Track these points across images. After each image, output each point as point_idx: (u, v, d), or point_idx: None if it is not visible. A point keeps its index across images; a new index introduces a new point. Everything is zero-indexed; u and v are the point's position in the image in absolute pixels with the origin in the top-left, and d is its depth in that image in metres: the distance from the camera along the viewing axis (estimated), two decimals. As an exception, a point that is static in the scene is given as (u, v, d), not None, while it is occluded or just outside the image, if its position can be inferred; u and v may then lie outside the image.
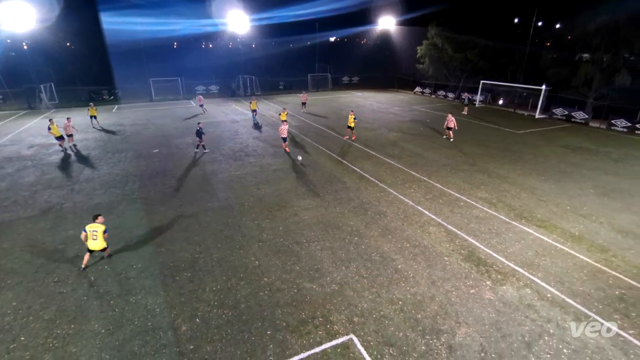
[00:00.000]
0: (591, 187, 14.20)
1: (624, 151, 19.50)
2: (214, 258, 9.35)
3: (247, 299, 7.83)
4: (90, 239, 8.58)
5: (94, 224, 8.65)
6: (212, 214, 11.84)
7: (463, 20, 36.49)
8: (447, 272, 8.80)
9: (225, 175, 15.38)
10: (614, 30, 25.07)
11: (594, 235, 10.53)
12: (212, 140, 20.74)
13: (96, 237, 8.57)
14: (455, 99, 38.31)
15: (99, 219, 8.76)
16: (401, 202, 12.75)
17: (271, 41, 58.54)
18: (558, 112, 28.56)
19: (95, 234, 8.54)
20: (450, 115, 20.83)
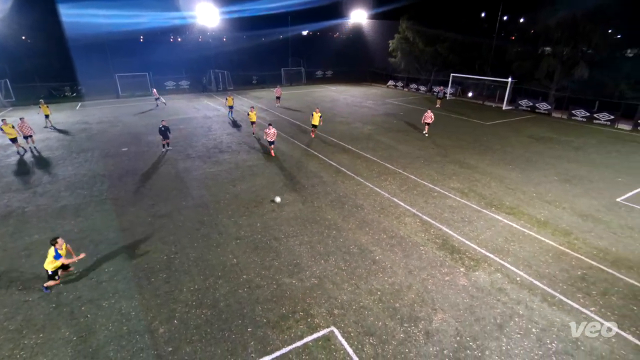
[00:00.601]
0: (554, 175, 14.96)
1: (583, 140, 20.65)
2: (191, 257, 9.16)
3: (226, 297, 7.74)
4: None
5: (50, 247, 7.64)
6: (186, 212, 11.56)
7: (433, 14, 37.20)
8: (423, 261, 9.04)
9: (199, 172, 15.04)
10: (573, 25, 26.37)
11: (558, 220, 11.13)
12: (184, 137, 20.19)
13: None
14: (427, 92, 39.14)
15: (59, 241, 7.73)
16: (377, 194, 12.95)
17: (242, 35, 57.33)
18: (523, 103, 29.81)
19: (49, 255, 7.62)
20: (429, 111, 20.88)
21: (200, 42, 55.79)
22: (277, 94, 30.66)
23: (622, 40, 27.44)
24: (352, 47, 54.22)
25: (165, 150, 17.62)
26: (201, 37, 58.10)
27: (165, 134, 17.36)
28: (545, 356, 6.33)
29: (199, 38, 58.66)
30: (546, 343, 6.60)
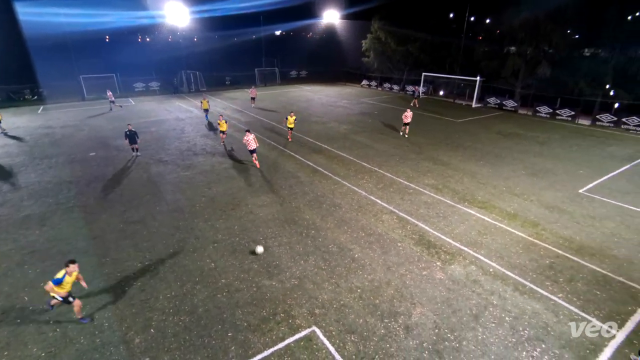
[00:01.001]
0: (522, 169, 15.63)
1: (547, 135, 21.69)
2: (166, 264, 8.91)
3: (205, 303, 7.58)
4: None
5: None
6: (161, 217, 11.23)
7: (403, 15, 37.92)
8: (401, 257, 9.21)
9: (173, 176, 14.64)
10: (535, 26, 27.62)
11: (527, 212, 11.64)
12: (155, 140, 19.60)
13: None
14: (400, 91, 39.87)
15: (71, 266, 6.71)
16: (355, 193, 13.07)
17: (214, 35, 56.20)
18: (491, 101, 30.96)
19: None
20: (409, 111, 20.66)
21: (170, 42, 54.33)
22: (252, 94, 30.27)
23: (580, 40, 28.99)
24: (325, 47, 54.42)
25: (135, 155, 16.92)
26: (171, 37, 56.57)
27: (132, 139, 16.58)
28: (519, 343, 6.61)
29: (168, 38, 57.08)
30: (519, 330, 6.89)
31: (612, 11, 24.32)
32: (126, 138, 16.52)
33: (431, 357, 6.29)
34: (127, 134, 16.47)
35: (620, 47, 24.85)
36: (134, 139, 16.64)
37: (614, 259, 9.15)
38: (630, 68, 24.13)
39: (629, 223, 10.98)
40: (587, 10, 25.49)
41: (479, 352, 6.41)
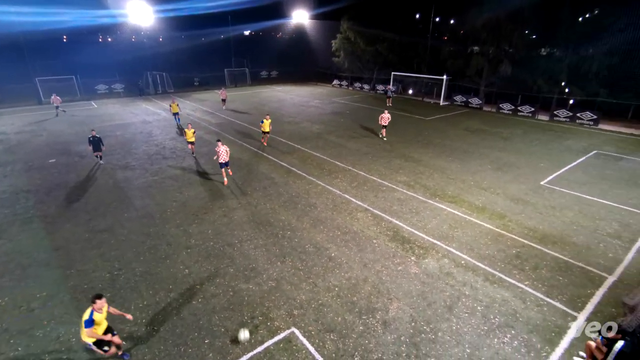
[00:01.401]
0: (488, 164, 16.30)
1: (510, 130, 22.74)
2: (137, 273, 8.58)
3: (179, 311, 7.36)
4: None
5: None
6: (130, 225, 10.80)
7: (371, 15, 38.51)
8: (376, 254, 9.36)
9: (142, 181, 14.12)
10: (496, 26, 28.88)
11: (494, 205, 12.15)
12: (121, 144, 18.82)
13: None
14: (370, 91, 40.47)
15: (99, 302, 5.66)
16: (329, 192, 13.13)
17: (180, 34, 54.58)
18: (458, 99, 32.07)
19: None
20: (386, 112, 19.92)
21: (134, 42, 52.24)
22: (222, 96, 29.45)
23: (537, 41, 30.58)
24: (295, 47, 54.30)
25: (99, 163, 15.94)
26: (134, 37, 54.42)
27: (97, 145, 15.56)
28: (490, 330, 6.89)
29: (132, 38, 54.86)
30: (490, 318, 7.19)
31: (565, 13, 25.83)
32: (90, 144, 15.51)
33: (409, 350, 6.44)
34: (90, 140, 15.46)
35: (573, 46, 26.45)
36: (99, 146, 15.66)
37: (573, 246, 9.74)
38: (582, 66, 25.72)
39: (585, 212, 11.72)
40: (543, 12, 26.93)
41: (453, 342, 6.62)
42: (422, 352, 6.40)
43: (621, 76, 24.54)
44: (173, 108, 23.06)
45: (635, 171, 15.48)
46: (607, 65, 24.79)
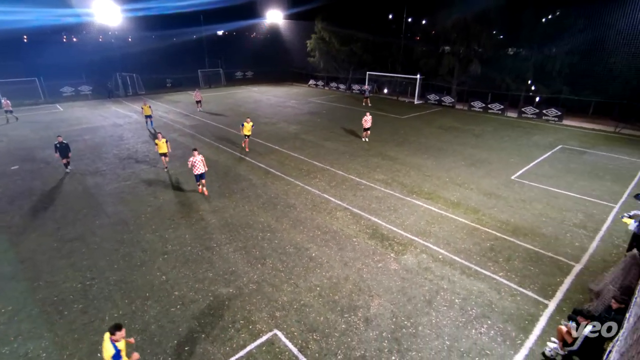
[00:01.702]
0: (462, 160, 16.78)
1: (481, 127, 23.52)
2: (111, 281, 8.26)
3: (157, 319, 7.16)
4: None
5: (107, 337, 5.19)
6: (102, 232, 10.39)
7: (345, 15, 38.80)
8: (356, 252, 9.44)
9: (113, 186, 13.62)
10: (465, 27, 29.80)
11: (468, 200, 12.52)
12: (90, 149, 18.08)
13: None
14: (346, 90, 40.77)
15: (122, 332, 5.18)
16: (308, 192, 13.13)
17: (151, 35, 53.03)
18: (431, 97, 32.85)
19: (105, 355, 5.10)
20: (368, 115, 19.52)
21: (101, 42, 50.35)
22: (197, 98, 28.65)
23: (504, 41, 31.81)
24: (270, 47, 53.95)
25: (67, 170, 15.03)
26: (102, 37, 52.42)
27: (64, 152, 14.63)
28: (468, 322, 7.10)
29: (99, 38, 52.80)
30: (467, 310, 7.41)
31: (528, 14, 26.97)
32: (56, 151, 14.55)
33: (390, 346, 6.54)
34: (57, 147, 14.49)
35: (537, 46, 27.66)
36: (66, 152, 14.72)
37: (543, 237, 10.19)
38: (547, 65, 26.95)
39: (553, 204, 12.29)
40: (507, 13, 28.01)
41: (433, 335, 6.78)
42: (404, 346, 6.52)
43: (581, 74, 25.92)
44: (145, 110, 22.05)
45: (597, 164, 16.38)
46: (569, 63, 26.12)
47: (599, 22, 23.90)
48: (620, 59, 24.07)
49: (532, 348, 6.51)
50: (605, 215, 11.51)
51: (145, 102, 23.40)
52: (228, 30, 60.83)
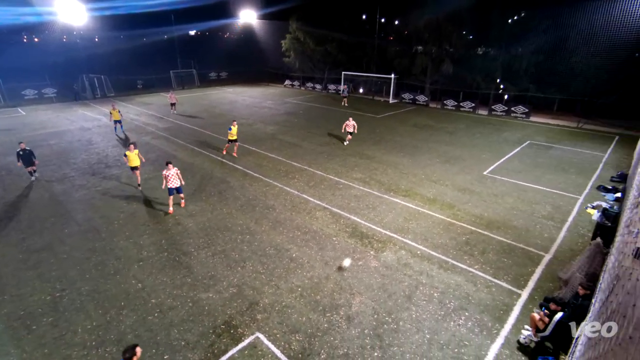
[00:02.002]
0: (436, 157, 17.20)
1: (454, 125, 24.19)
2: (83, 292, 7.92)
3: (134, 328, 6.92)
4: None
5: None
6: (71, 241, 9.94)
7: (319, 15, 38.90)
8: (337, 251, 9.49)
9: (83, 193, 13.06)
10: (437, 27, 30.56)
11: (443, 196, 12.85)
12: (57, 154, 17.26)
13: None
14: (323, 90, 40.89)
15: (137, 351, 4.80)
16: (287, 193, 13.08)
17: (119, 34, 51.15)
18: (406, 96, 33.48)
19: None
20: (351, 119, 19.12)
21: (66, 42, 48.06)
22: (172, 100, 27.62)
23: (474, 41, 32.87)
24: (245, 48, 53.29)
25: (34, 178, 14.12)
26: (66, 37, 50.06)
27: (28, 160, 13.62)
28: (446, 315, 7.29)
29: (63, 38, 50.39)
30: (446, 303, 7.60)
31: (495, 15, 28.01)
32: (19, 160, 13.50)
33: (373, 342, 6.61)
34: (19, 155, 13.46)
35: (505, 46, 28.76)
36: (30, 160, 13.71)
37: (514, 229, 10.60)
38: (514, 64, 28.07)
39: (523, 197, 12.81)
40: (477, 14, 28.97)
41: (414, 329, 6.91)
42: (386, 342, 6.61)
43: (546, 73, 27.19)
44: (114, 115, 20.60)
45: (562, 158, 17.20)
46: (535, 63, 27.31)
47: (561, 23, 25.14)
48: (581, 58, 25.41)
49: (508, 337, 6.76)
50: (571, 206, 12.11)
51: (114, 105, 22.02)
52: (200, 30, 59.50)
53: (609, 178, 14.53)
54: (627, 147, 18.84)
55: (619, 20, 22.30)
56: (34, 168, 14.09)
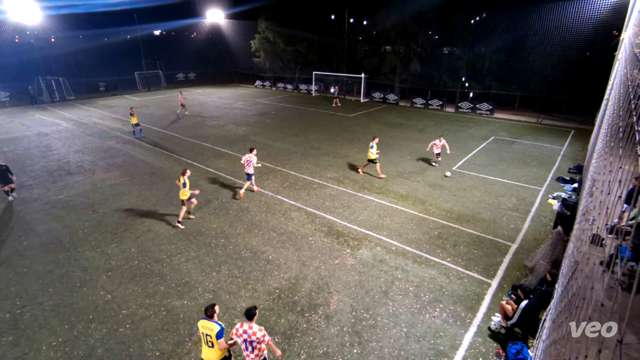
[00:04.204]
0: (407, 154, 17.60)
1: (424, 123, 24.85)
2: (47, 307, 7.48)
3: (105, 341, 6.62)
4: (203, 344, 5.26)
5: (205, 321, 5.20)
6: (31, 254, 9.36)
7: (288, 15, 38.76)
8: (313, 251, 9.50)
9: (43, 202, 12.32)
10: (404, 27, 31.27)
11: (415, 192, 13.18)
12: (12, 162, 16.16)
13: (212, 343, 5.15)
14: (294, 90, 40.76)
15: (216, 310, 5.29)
16: (261, 194, 12.94)
17: (77, 34, 48.61)
18: (376, 95, 34.01)
19: (210, 339, 5.14)
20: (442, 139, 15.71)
21: (18, 43, 45.09)
22: (181, 101, 26.90)
23: (440, 40, 33.91)
24: (213, 48, 52.17)
25: (11, 198, 12.42)
26: (18, 37, 46.99)
27: (4, 177, 12.15)
28: (422, 307, 7.48)
29: (14, 38, 47.25)
30: (421, 297, 7.80)
31: (459, 16, 29.04)
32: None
33: (352, 339, 6.68)
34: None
35: (469, 45, 29.88)
36: (7, 177, 12.21)
37: (483, 222, 11.04)
38: (478, 63, 29.24)
39: (490, 190, 13.37)
40: (441, 15, 29.92)
41: (391, 324, 7.05)
42: (364, 338, 6.69)
43: (508, 71, 28.51)
44: (133, 119, 19.86)
45: (525, 152, 18.10)
46: (496, 61, 28.56)
47: (519, 23, 26.44)
48: (538, 57, 26.87)
49: (480, 325, 7.03)
50: (533, 198, 12.77)
51: (132, 108, 20.48)
52: (166, 29, 57.62)
53: (567, 169, 15.45)
54: (582, 140, 20.10)
55: (571, 22, 23.73)
56: (12, 186, 12.46)
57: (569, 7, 23.63)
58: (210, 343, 5.12)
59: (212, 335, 5.07)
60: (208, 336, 5.11)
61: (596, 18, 22.37)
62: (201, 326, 5.17)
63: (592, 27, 22.69)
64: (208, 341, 5.14)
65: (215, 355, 5.17)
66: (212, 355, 5.17)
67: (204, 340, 5.20)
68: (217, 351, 5.15)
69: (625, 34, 12.83)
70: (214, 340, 5.07)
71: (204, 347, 5.25)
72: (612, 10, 21.36)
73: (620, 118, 4.39)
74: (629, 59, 6.77)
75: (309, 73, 38.30)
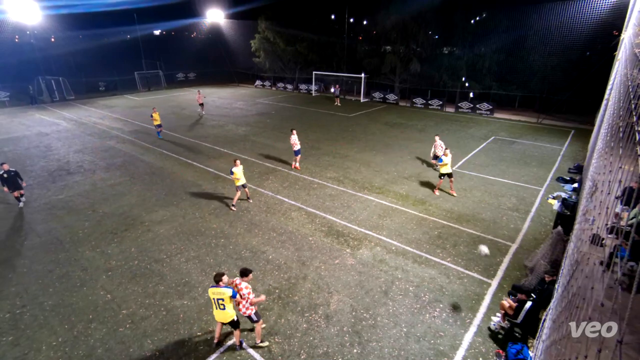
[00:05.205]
0: (407, 154, 17.60)
1: (424, 123, 24.85)
2: (46, 307, 7.48)
3: (104, 341, 6.62)
4: (215, 308, 6.14)
5: (215, 288, 6.03)
6: (32, 254, 9.36)
7: (288, 15, 38.74)
8: (313, 251, 9.50)
9: (43, 202, 12.32)
10: (404, 27, 31.26)
11: (415, 192, 13.17)
12: (13, 162, 16.15)
13: (223, 306, 6.03)
14: (294, 90, 40.76)
15: (224, 279, 6.08)
16: (261, 194, 12.94)
17: (77, 34, 48.57)
18: (376, 95, 34.00)
19: (221, 302, 6.00)
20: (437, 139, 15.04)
21: (18, 43, 45.06)
22: (200, 100, 26.71)
23: (440, 40, 33.91)
24: (214, 48, 52.14)
25: (22, 204, 12.01)
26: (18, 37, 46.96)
27: (13, 182, 11.67)
28: (422, 307, 7.48)
29: (14, 38, 47.22)
30: (421, 297, 7.80)
31: (459, 16, 29.03)
32: (4, 184, 11.57)
33: (352, 339, 6.68)
34: (3, 178, 11.46)
35: (469, 45, 29.87)
36: (17, 183, 11.77)
37: (483, 222, 11.04)
38: (478, 63, 29.22)
39: (490, 190, 13.36)
40: (441, 15, 29.91)
41: (391, 324, 7.05)
42: (364, 338, 6.69)
43: (508, 71, 28.50)
44: (155, 119, 19.70)
45: (525, 152, 18.09)
46: (496, 61, 28.55)
47: (519, 23, 26.42)
48: (538, 57, 26.86)
49: (480, 325, 7.03)
50: (533, 198, 12.76)
51: (154, 108, 20.64)
52: (166, 29, 57.58)
53: (567, 170, 15.45)
54: (582, 140, 20.09)
55: (571, 22, 23.72)
56: (22, 192, 12.06)
57: (569, 7, 23.63)
58: (222, 305, 5.98)
59: (225, 298, 5.92)
60: (220, 300, 5.95)
61: (596, 18, 22.36)
62: (211, 292, 6.00)
63: (592, 27, 22.68)
64: (220, 304, 5.98)
65: (227, 315, 6.09)
66: (225, 315, 6.09)
67: (215, 305, 6.04)
68: (227, 312, 6.06)
69: (625, 34, 12.83)
70: (226, 303, 5.95)
71: (216, 310, 6.09)
72: (612, 10, 21.35)
73: (620, 118, 4.39)
74: (629, 59, 6.77)
75: (309, 73, 38.27)
